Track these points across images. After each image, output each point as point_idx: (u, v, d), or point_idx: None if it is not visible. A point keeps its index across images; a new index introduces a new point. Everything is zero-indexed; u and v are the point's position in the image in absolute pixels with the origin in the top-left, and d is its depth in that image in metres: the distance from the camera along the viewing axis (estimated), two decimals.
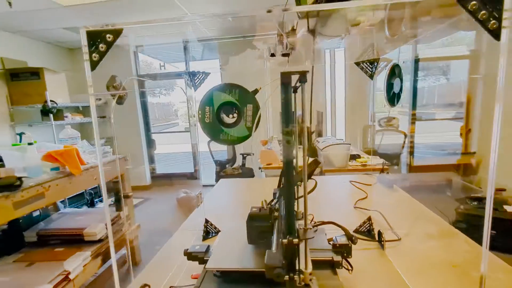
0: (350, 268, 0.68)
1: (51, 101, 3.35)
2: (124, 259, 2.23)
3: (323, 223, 0.79)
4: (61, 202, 3.42)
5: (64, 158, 1.71)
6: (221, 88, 0.85)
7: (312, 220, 0.88)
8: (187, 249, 0.71)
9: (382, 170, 2.01)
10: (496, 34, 0.36)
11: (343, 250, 0.68)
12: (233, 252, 0.65)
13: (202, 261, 0.66)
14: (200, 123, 0.86)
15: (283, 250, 0.49)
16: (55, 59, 4.20)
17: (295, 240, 0.49)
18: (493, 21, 0.35)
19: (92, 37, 0.40)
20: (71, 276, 1.66)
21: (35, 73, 3.33)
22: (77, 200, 3.60)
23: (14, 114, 3.39)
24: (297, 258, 0.52)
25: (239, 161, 3.68)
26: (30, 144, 1.67)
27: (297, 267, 0.52)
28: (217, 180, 3.45)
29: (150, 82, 4.91)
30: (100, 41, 0.41)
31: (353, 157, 2.49)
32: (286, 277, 0.50)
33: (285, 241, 0.49)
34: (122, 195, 2.37)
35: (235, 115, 0.85)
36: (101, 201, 3.76)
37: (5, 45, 3.37)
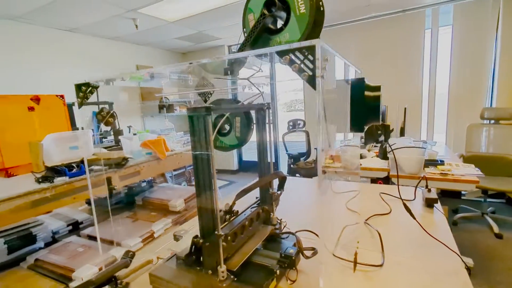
0: (292, 280, 0.72)
1: (165, 97, 4.28)
2: None
3: (288, 232, 0.84)
4: (169, 176, 4.38)
5: (154, 145, 2.25)
6: (217, 102, 0.99)
7: (284, 226, 0.92)
8: (175, 232, 0.91)
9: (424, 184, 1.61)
10: (311, 83, 0.36)
11: (287, 261, 0.73)
12: None
13: None
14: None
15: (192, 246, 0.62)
16: (172, 62, 5.25)
17: (200, 241, 0.60)
18: (305, 72, 0.36)
19: (78, 86, 0.63)
20: (155, 235, 2.22)
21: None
22: (180, 176, 4.52)
23: (143, 108, 4.53)
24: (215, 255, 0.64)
25: (313, 156, 3.67)
26: (134, 134, 2.30)
27: (215, 263, 0.64)
28: (289, 173, 3.58)
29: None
30: (84, 89, 0.64)
31: (434, 163, 2.11)
32: (197, 268, 0.62)
33: (195, 240, 0.62)
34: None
35: (228, 126, 0.98)
36: None
37: (138, 55, 4.49)
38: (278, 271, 0.70)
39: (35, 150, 1.93)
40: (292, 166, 3.38)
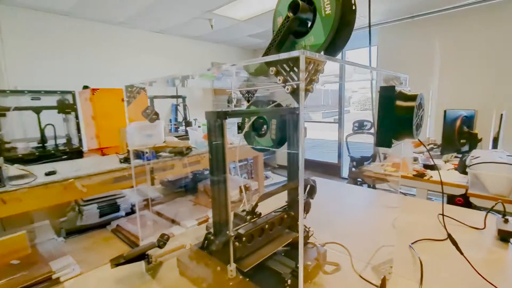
0: None
1: (234, 92, 4.53)
2: None
3: (309, 242, 0.80)
4: (233, 167, 4.64)
5: None
6: (256, 103, 1.01)
7: (311, 235, 0.88)
8: (208, 223, 0.98)
9: None
10: (294, 96, 0.34)
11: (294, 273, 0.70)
12: None
13: None
14: (242, 131, 1.06)
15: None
16: (244, 59, 5.49)
17: (211, 238, 0.64)
18: (290, 84, 0.34)
19: (127, 88, 0.74)
20: (209, 220, 2.41)
21: None
22: (243, 168, 4.75)
23: (215, 102, 4.89)
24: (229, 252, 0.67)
25: (380, 160, 3.34)
26: (199, 126, 2.51)
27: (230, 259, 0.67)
28: (349, 177, 3.36)
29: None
30: (130, 90, 0.74)
31: None
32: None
33: (208, 235, 0.66)
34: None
35: (265, 127, 0.98)
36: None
37: (214, 52, 4.85)
38: (289, 281, 0.69)
39: (122, 135, 2.32)
40: (353, 169, 3.16)
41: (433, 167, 2.09)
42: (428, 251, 0.87)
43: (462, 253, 0.69)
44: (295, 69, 0.33)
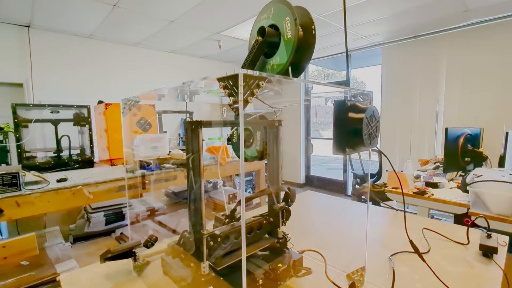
0: None
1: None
2: None
3: (285, 247, 0.84)
4: (238, 182, 4.68)
5: (216, 151, 2.51)
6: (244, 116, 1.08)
7: (288, 241, 0.91)
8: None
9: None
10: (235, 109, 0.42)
11: (272, 274, 0.74)
12: None
13: None
14: (230, 141, 1.13)
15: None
16: None
17: (186, 235, 0.70)
18: (233, 97, 0.41)
19: (123, 101, 0.84)
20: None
21: None
22: (249, 182, 4.79)
23: (223, 118, 5.03)
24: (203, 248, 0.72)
25: (384, 178, 3.31)
26: (203, 140, 2.61)
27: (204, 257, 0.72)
28: (353, 194, 3.32)
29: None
30: (126, 103, 0.84)
31: None
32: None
33: (184, 233, 0.72)
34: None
35: (252, 138, 1.05)
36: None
37: (222, 71, 5.03)
38: (261, 281, 0.73)
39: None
40: (357, 186, 3.14)
41: (434, 185, 2.07)
42: (407, 263, 0.89)
43: (424, 261, 0.71)
44: (237, 84, 0.41)
